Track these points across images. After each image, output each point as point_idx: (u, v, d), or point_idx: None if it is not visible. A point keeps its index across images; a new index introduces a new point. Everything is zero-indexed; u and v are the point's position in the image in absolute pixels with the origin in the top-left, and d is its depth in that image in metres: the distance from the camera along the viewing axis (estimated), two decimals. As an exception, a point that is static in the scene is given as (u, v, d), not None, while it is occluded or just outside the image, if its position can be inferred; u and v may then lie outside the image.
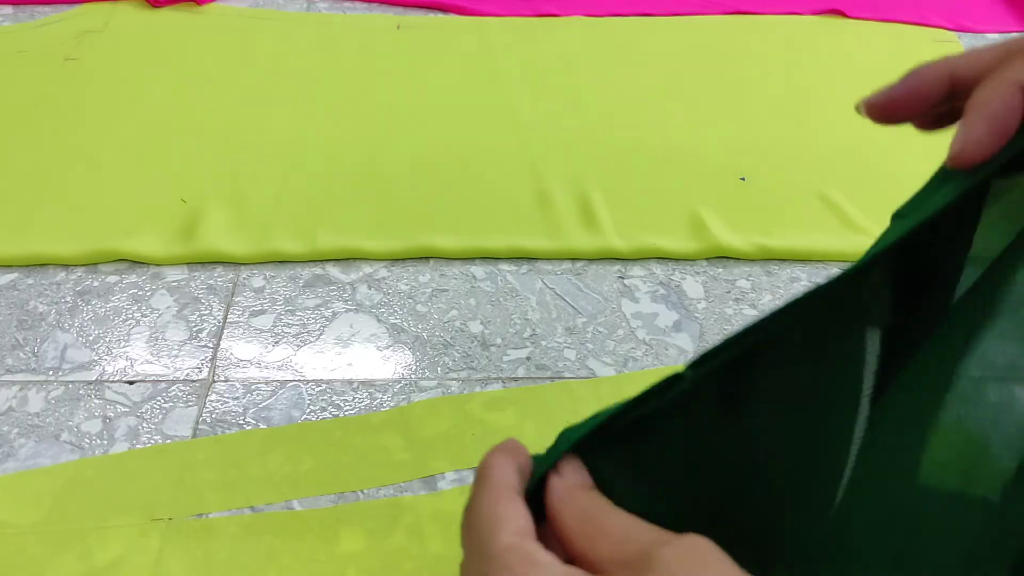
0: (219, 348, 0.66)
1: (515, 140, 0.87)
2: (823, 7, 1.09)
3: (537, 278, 0.72)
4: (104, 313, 0.68)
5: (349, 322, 0.68)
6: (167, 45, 0.99)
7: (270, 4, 1.07)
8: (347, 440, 0.59)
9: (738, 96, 0.94)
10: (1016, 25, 1.10)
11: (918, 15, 1.09)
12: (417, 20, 1.05)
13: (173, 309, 0.68)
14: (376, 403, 0.62)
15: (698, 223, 0.76)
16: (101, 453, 0.58)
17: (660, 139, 0.87)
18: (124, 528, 0.54)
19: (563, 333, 0.68)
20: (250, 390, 0.62)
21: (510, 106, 0.91)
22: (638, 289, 0.71)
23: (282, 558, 0.52)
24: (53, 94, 0.90)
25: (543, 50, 1.01)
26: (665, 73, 0.98)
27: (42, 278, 0.71)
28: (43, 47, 0.97)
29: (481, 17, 1.06)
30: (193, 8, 1.04)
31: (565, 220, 0.76)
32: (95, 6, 1.04)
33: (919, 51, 1.02)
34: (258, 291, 0.70)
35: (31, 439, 0.59)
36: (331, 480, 0.57)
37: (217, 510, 0.55)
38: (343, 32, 1.03)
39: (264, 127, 0.87)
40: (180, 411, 0.61)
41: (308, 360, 0.65)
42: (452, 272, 0.73)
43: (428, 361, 0.65)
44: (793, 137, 0.87)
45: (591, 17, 1.07)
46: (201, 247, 0.72)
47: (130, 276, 0.71)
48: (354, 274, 0.72)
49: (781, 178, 0.81)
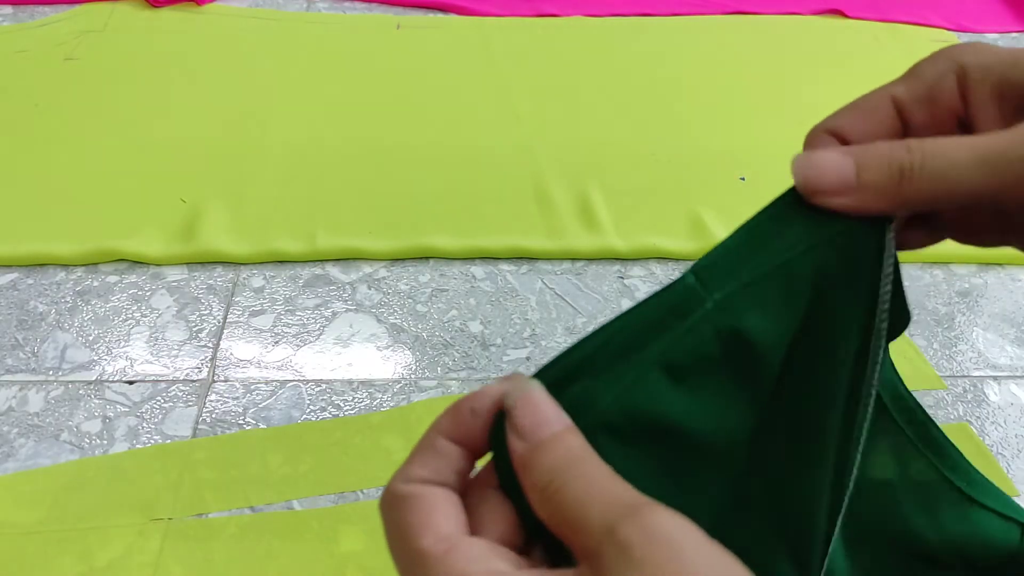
0: (219, 348, 0.65)
1: (515, 140, 0.87)
2: (823, 7, 1.09)
3: (537, 278, 0.72)
4: (104, 313, 0.68)
5: (349, 322, 0.68)
6: (167, 45, 0.99)
7: (270, 4, 1.07)
8: (347, 440, 0.59)
9: (738, 96, 0.95)
10: (1016, 25, 1.10)
11: (918, 15, 1.09)
12: (417, 20, 1.05)
13: (173, 309, 0.68)
14: (376, 403, 0.62)
15: (698, 223, 0.76)
16: (101, 453, 0.58)
17: (660, 139, 0.87)
18: (124, 528, 0.54)
19: (563, 333, 0.68)
20: (250, 390, 0.62)
21: (510, 106, 0.91)
22: (638, 289, 0.71)
23: (282, 558, 0.52)
24: (53, 94, 0.90)
25: (543, 50, 1.01)
26: (665, 73, 0.98)
27: (42, 278, 0.71)
28: (43, 47, 0.97)
29: (481, 17, 1.06)
30: (193, 8, 1.04)
31: (565, 220, 0.76)
32: (95, 6, 1.04)
33: (919, 51, 1.02)
34: (258, 291, 0.70)
35: (31, 439, 0.59)
36: (331, 480, 0.57)
37: (217, 510, 0.55)
38: (343, 32, 1.03)
39: (264, 127, 0.87)
40: (180, 411, 0.61)
41: (308, 360, 0.65)
42: (452, 272, 0.73)
43: (428, 361, 0.65)
44: (793, 137, 0.87)
45: (591, 17, 1.07)
46: (201, 247, 0.72)
47: (130, 276, 0.71)
48: (354, 274, 0.72)
49: (781, 178, 0.81)
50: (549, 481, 0.21)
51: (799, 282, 0.24)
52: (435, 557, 0.20)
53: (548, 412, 0.22)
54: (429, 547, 0.20)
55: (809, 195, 0.24)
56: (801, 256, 0.24)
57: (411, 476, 0.22)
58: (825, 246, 0.24)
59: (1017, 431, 0.63)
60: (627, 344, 0.23)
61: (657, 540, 0.18)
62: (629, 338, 0.23)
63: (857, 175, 0.23)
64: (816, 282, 0.24)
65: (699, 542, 0.19)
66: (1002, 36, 1.08)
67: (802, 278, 0.24)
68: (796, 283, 0.23)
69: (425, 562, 0.20)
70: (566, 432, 0.22)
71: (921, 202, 0.23)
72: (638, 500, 0.20)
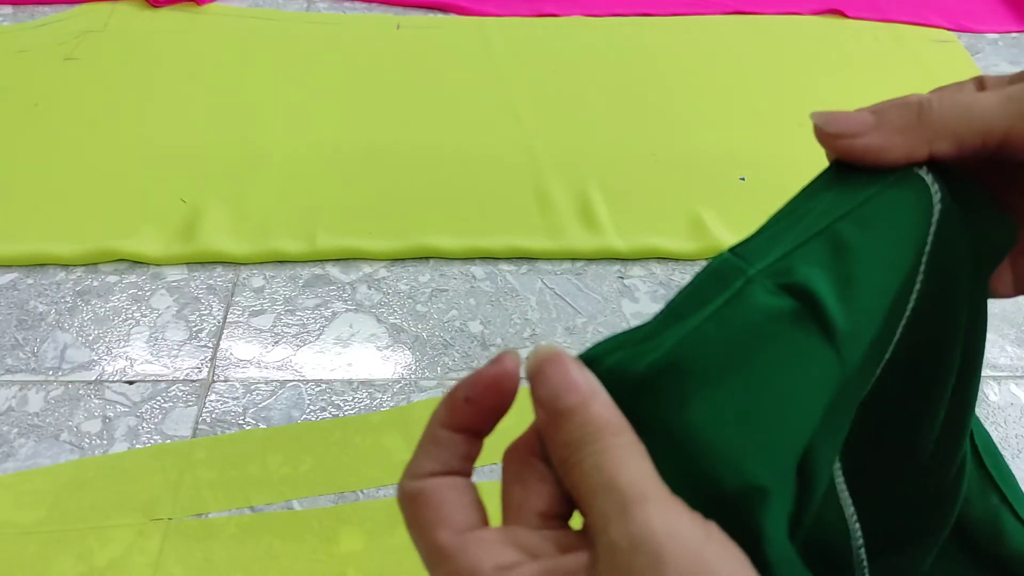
0: (219, 348, 0.65)
1: (515, 140, 0.87)
2: (823, 7, 1.09)
3: (537, 278, 0.72)
4: (104, 313, 0.68)
5: (349, 322, 0.68)
6: (167, 45, 0.99)
7: (270, 4, 1.07)
8: (347, 440, 0.59)
9: (738, 96, 0.94)
10: (1016, 25, 1.10)
11: (918, 15, 1.09)
12: (417, 20, 1.05)
13: (173, 309, 0.68)
14: (376, 403, 0.62)
15: (698, 223, 0.76)
16: (101, 453, 0.58)
17: (660, 139, 0.87)
18: (124, 528, 0.54)
19: (563, 333, 0.68)
20: (250, 390, 0.62)
21: (510, 106, 0.91)
22: (638, 289, 0.71)
23: (282, 558, 0.52)
24: (53, 94, 0.90)
25: (543, 50, 1.01)
26: (665, 73, 0.98)
27: (42, 278, 0.71)
28: (43, 47, 0.97)
29: (481, 17, 1.06)
30: (193, 8, 1.04)
31: (565, 220, 0.76)
32: (95, 6, 1.04)
33: (919, 51, 1.02)
34: (258, 291, 0.70)
35: (31, 439, 0.59)
36: (331, 480, 0.57)
37: (217, 510, 0.55)
38: (343, 32, 1.03)
39: (264, 127, 0.87)
40: (180, 411, 0.61)
41: (308, 360, 0.65)
42: (452, 272, 0.73)
43: (428, 361, 0.65)
44: (793, 137, 0.87)
45: (591, 17, 1.07)
46: (201, 247, 0.72)
47: (130, 276, 0.71)
48: (354, 274, 0.72)
49: (781, 178, 0.81)
50: (567, 456, 0.21)
51: (845, 241, 0.23)
52: (450, 551, 0.20)
53: (569, 379, 0.21)
54: (445, 542, 0.21)
55: (831, 140, 0.24)
56: (843, 219, 0.23)
57: (419, 471, 0.22)
58: (864, 205, 0.23)
59: (1017, 431, 0.63)
60: (665, 319, 0.22)
61: (641, 548, 0.18)
62: (667, 313, 0.22)
63: (876, 117, 0.24)
64: (864, 240, 0.23)
65: (683, 550, 0.18)
66: (1002, 36, 1.08)
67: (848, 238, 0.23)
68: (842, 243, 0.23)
69: (442, 555, 0.20)
70: (588, 401, 0.21)
71: (944, 136, 0.23)
72: (636, 492, 0.19)
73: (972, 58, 1.02)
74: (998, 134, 0.23)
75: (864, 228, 0.23)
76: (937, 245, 0.24)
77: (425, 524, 0.21)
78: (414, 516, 0.22)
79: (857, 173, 0.24)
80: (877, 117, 0.24)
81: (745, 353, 0.21)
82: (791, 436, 0.21)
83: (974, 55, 1.03)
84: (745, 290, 0.22)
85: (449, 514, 0.21)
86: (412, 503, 0.22)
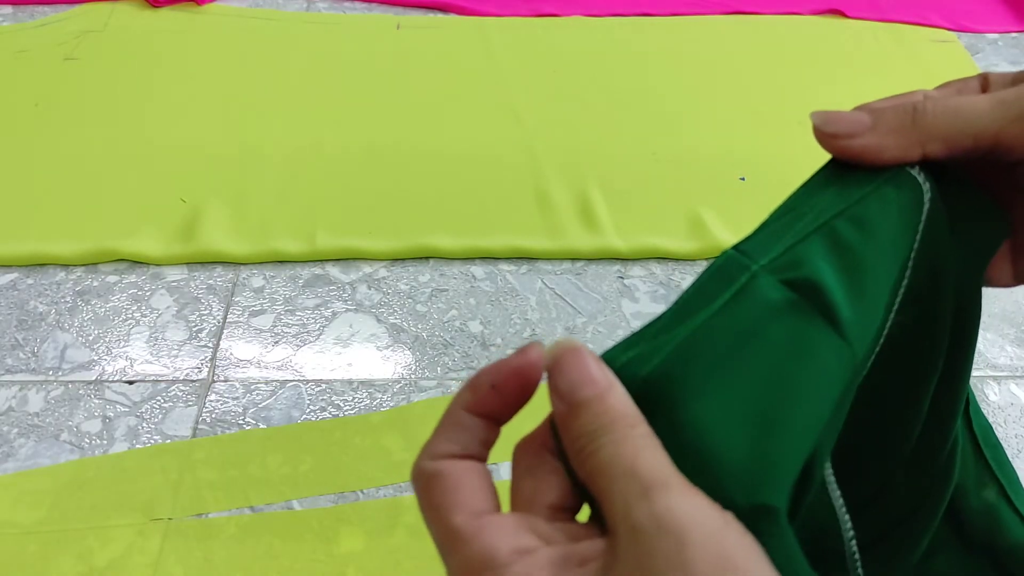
0: (219, 348, 0.65)
1: (515, 140, 0.87)
2: (823, 7, 1.09)
3: (537, 278, 0.72)
4: (104, 313, 0.68)
5: (349, 322, 0.68)
6: (167, 45, 0.99)
7: (270, 4, 1.07)
8: (347, 440, 0.59)
9: (738, 96, 0.94)
10: (1016, 25, 1.10)
11: (918, 15, 1.09)
12: (417, 20, 1.05)
13: (173, 309, 0.68)
14: (376, 403, 0.62)
15: (698, 223, 0.76)
16: (101, 453, 0.58)
17: (660, 139, 0.87)
18: (124, 528, 0.54)
19: (563, 333, 0.68)
20: (250, 390, 0.62)
21: (510, 106, 0.91)
22: (638, 289, 0.71)
23: (282, 558, 0.52)
24: (53, 94, 0.90)
25: (543, 50, 1.01)
26: (665, 73, 0.98)
27: (42, 278, 0.71)
28: (43, 47, 0.97)
29: (481, 17, 1.06)
30: (193, 8, 1.04)
31: (565, 220, 0.76)
32: (95, 6, 1.04)
33: (919, 51, 1.02)
34: (258, 291, 0.70)
35: (31, 439, 0.59)
36: (331, 480, 0.57)
37: (217, 510, 0.55)
38: (343, 32, 1.03)
39: (264, 127, 0.87)
40: (180, 411, 0.61)
41: (308, 360, 0.65)
42: (452, 272, 0.73)
43: (428, 361, 0.65)
44: (793, 137, 0.87)
45: (591, 17, 1.07)
46: (201, 247, 0.72)
47: (130, 276, 0.71)
48: (354, 274, 0.72)
49: (781, 178, 0.81)
50: (583, 445, 0.21)
51: (843, 237, 0.23)
52: (467, 534, 0.20)
53: (587, 372, 0.22)
54: (461, 525, 0.20)
55: (829, 140, 0.25)
56: (840, 216, 0.24)
57: (437, 452, 0.22)
58: (859, 203, 0.24)
59: (1017, 431, 0.63)
60: (672, 316, 0.23)
61: (666, 530, 0.18)
62: (674, 311, 0.23)
63: (872, 118, 0.24)
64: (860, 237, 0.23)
65: (706, 535, 0.18)
66: (1002, 36, 1.08)
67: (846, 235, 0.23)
68: (840, 239, 0.23)
69: (458, 539, 0.20)
70: (605, 393, 0.21)
71: (937, 138, 0.24)
72: (656, 478, 0.19)
73: (972, 58, 1.02)
74: (989, 136, 0.24)
75: (860, 225, 0.23)
76: (925, 242, 0.24)
77: (441, 506, 0.21)
78: (430, 497, 0.22)
79: (853, 171, 0.25)
80: (874, 118, 0.24)
81: (753, 346, 0.21)
82: (801, 438, 0.21)
83: (974, 55, 1.03)
84: (750, 285, 0.22)
85: (466, 497, 0.21)
86: (429, 484, 0.22)
